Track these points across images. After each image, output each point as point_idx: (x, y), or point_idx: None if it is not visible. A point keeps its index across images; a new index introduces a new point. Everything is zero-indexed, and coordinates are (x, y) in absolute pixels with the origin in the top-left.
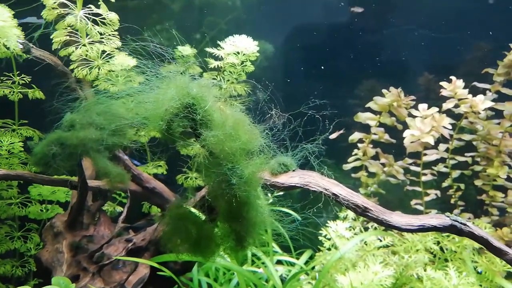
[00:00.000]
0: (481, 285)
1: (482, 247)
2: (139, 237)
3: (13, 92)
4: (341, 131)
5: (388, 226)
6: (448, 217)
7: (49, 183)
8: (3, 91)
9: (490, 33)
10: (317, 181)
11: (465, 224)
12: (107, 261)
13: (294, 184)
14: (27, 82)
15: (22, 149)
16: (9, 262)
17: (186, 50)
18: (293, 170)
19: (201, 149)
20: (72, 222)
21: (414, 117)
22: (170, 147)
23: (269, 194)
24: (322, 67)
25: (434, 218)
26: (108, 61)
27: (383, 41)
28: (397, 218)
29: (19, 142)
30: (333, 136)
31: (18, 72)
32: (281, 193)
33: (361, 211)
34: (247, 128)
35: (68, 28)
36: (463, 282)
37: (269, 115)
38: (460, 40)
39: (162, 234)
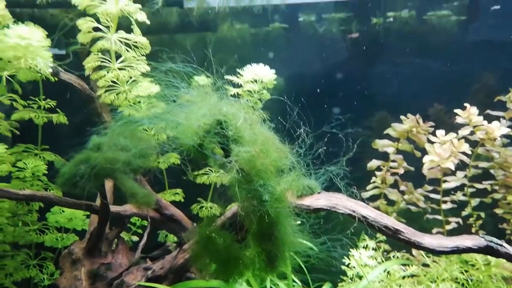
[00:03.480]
0: None
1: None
2: (158, 265)
3: (39, 116)
4: None
5: (420, 248)
6: (483, 237)
7: (73, 206)
8: (29, 115)
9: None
10: (344, 203)
11: (501, 245)
12: None
13: (320, 207)
14: (52, 106)
15: (46, 172)
16: None
17: (202, 80)
18: (318, 193)
19: (231, 168)
20: (91, 249)
21: (432, 143)
22: (184, 176)
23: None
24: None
25: (469, 239)
26: (134, 87)
27: (391, 73)
28: (430, 239)
29: (43, 165)
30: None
31: (43, 97)
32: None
33: (391, 233)
34: (276, 146)
35: (99, 53)
36: None
37: (297, 133)
38: (466, 71)
39: (191, 253)
